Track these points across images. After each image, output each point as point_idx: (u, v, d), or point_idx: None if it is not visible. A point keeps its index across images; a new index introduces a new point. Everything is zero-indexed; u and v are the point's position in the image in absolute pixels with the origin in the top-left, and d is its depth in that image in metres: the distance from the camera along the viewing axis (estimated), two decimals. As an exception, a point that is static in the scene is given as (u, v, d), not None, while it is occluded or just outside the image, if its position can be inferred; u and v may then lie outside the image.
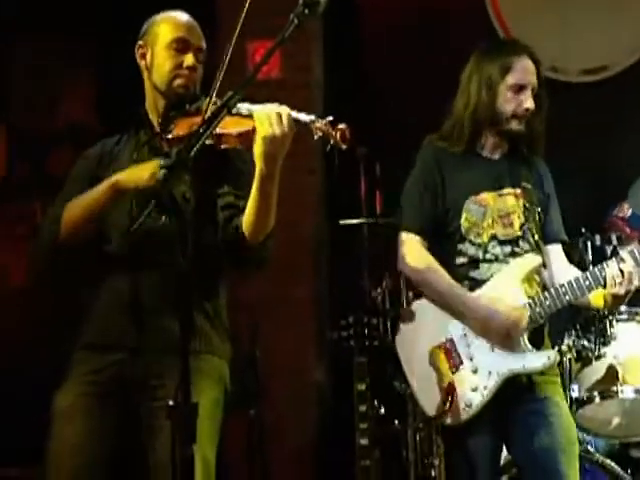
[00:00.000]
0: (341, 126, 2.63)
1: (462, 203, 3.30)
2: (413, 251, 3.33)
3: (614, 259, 3.18)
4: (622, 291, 3.15)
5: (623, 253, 3.18)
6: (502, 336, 3.18)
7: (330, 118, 2.64)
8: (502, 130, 3.34)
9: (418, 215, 3.35)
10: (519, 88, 3.29)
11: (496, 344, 3.20)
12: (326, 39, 5.74)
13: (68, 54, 5.86)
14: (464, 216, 3.29)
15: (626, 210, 4.56)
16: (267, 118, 2.63)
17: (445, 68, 3.47)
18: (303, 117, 2.68)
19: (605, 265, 3.18)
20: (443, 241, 3.34)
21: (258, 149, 2.65)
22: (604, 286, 3.17)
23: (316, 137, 2.63)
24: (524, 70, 3.31)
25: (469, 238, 3.28)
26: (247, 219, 2.80)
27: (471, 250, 3.28)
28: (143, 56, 3.05)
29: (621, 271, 3.13)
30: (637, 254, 3.18)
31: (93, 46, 5.83)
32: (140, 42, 3.06)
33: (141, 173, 2.81)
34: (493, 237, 3.28)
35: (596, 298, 3.27)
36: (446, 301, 3.27)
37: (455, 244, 3.30)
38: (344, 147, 2.62)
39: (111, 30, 5.54)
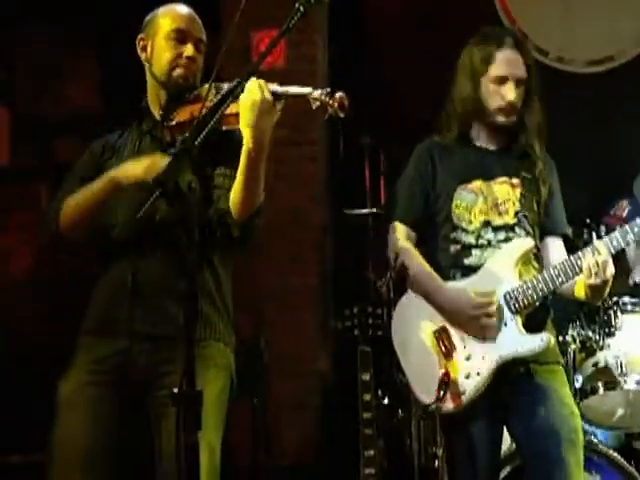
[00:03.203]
0: (338, 94, 2.63)
1: (453, 190, 3.30)
2: (397, 238, 3.34)
3: (589, 249, 3.16)
4: (599, 281, 3.13)
5: (597, 244, 3.16)
6: (472, 324, 3.18)
7: (327, 89, 2.64)
8: (490, 122, 3.33)
9: (408, 206, 3.37)
10: (501, 80, 3.27)
11: (472, 334, 3.20)
12: (331, 30, 5.74)
13: (70, 40, 5.86)
14: (455, 202, 3.29)
15: (624, 208, 4.53)
16: (248, 87, 2.65)
17: (449, 56, 3.46)
18: (300, 90, 2.69)
19: (581, 255, 3.16)
20: (436, 230, 3.34)
21: (244, 120, 2.66)
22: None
23: (314, 107, 2.64)
24: (505, 62, 3.27)
25: (461, 226, 3.28)
26: (234, 194, 2.81)
27: (463, 237, 3.28)
28: (144, 49, 3.07)
29: (596, 262, 3.12)
30: (609, 243, 3.16)
31: (94, 31, 5.82)
32: (141, 35, 3.08)
33: (137, 167, 2.84)
34: (486, 223, 3.27)
35: (578, 289, 3.26)
36: (420, 289, 3.29)
37: (448, 232, 3.30)
38: (342, 115, 2.62)
39: (112, 16, 5.54)
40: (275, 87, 2.71)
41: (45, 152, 5.83)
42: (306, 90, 2.68)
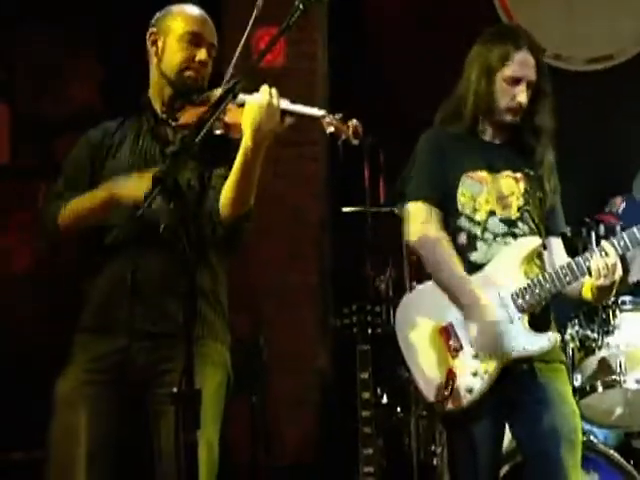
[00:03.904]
0: (353, 122, 2.65)
1: (458, 179, 3.30)
2: (416, 221, 3.31)
3: (597, 250, 3.18)
4: (608, 282, 3.15)
5: (605, 245, 3.18)
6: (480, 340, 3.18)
7: (340, 115, 2.66)
8: (497, 120, 3.34)
9: (432, 184, 3.33)
10: (514, 81, 3.29)
11: (475, 341, 3.19)
12: (331, 30, 5.74)
13: (70, 39, 5.85)
14: (460, 191, 3.29)
15: (618, 204, 4.52)
16: (259, 91, 2.68)
17: (449, 56, 3.47)
18: (316, 111, 2.70)
19: (589, 256, 3.18)
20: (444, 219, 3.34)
21: (247, 119, 2.68)
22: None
23: (328, 132, 2.65)
24: (521, 63, 3.28)
25: (465, 213, 3.28)
26: (225, 194, 2.82)
27: (469, 226, 3.27)
28: (154, 43, 3.04)
29: (605, 264, 3.14)
30: (617, 245, 3.19)
31: (94, 30, 5.82)
32: (152, 29, 3.06)
33: (139, 187, 2.75)
34: (491, 213, 3.28)
35: (586, 290, 3.28)
36: (443, 279, 3.25)
37: (454, 220, 3.30)
38: (356, 143, 2.63)
39: (112, 16, 5.54)
40: (288, 104, 2.73)
41: (45, 152, 5.83)
42: (320, 113, 2.69)
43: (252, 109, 2.67)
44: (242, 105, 2.74)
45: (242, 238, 2.92)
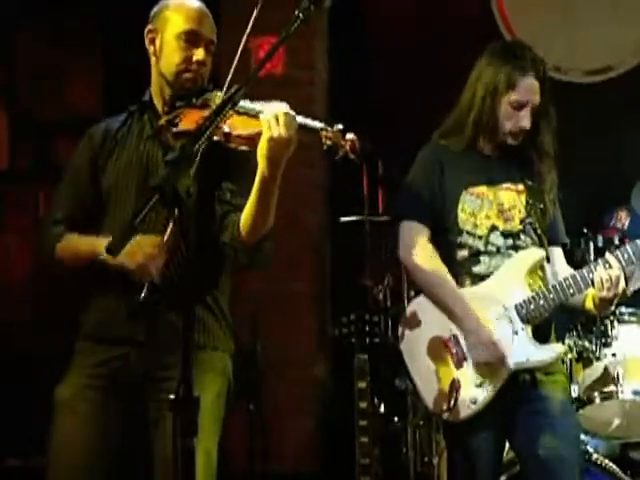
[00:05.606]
0: (351, 137, 2.62)
1: (458, 196, 3.32)
2: (418, 245, 3.33)
3: (600, 263, 3.20)
4: (611, 295, 3.18)
5: (609, 257, 3.21)
6: (481, 356, 3.20)
7: (340, 126, 2.63)
8: (498, 141, 3.35)
9: (419, 204, 3.36)
10: (519, 105, 3.30)
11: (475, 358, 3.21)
12: (331, 37, 5.73)
13: (71, 40, 5.86)
14: (460, 207, 3.31)
15: (624, 219, 4.51)
16: (274, 120, 2.61)
17: (448, 67, 3.47)
18: (313, 124, 2.67)
19: (592, 268, 3.20)
20: (443, 236, 3.34)
21: (262, 151, 2.63)
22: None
23: (325, 147, 2.62)
24: (527, 90, 3.30)
25: (466, 229, 3.30)
26: (245, 217, 2.79)
27: (471, 242, 3.29)
28: (152, 41, 2.98)
29: (609, 276, 3.16)
30: (621, 257, 3.22)
31: (95, 31, 5.83)
32: (150, 26, 2.99)
33: (130, 260, 2.78)
34: (493, 228, 3.29)
35: (588, 301, 3.30)
36: (446, 311, 3.28)
37: (454, 237, 3.31)
38: (353, 157, 2.62)
39: (113, 17, 5.54)
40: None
41: (44, 154, 5.83)
42: (318, 125, 2.66)
43: (271, 143, 2.61)
44: (242, 113, 2.72)
45: (264, 258, 2.87)
